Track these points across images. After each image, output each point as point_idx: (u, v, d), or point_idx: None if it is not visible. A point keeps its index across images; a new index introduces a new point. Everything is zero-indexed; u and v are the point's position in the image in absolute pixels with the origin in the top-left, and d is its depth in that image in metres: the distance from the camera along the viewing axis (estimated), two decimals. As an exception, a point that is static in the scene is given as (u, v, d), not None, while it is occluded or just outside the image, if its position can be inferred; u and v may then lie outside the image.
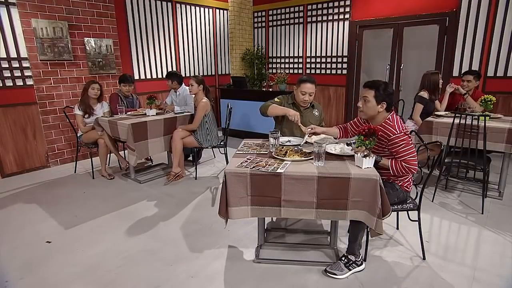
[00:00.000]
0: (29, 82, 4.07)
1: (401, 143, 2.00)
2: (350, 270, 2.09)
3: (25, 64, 4.01)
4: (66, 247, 2.46)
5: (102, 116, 3.77)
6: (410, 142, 2.02)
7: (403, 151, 2.00)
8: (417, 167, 2.02)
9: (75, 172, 4.13)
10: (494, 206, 3.04)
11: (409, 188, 2.20)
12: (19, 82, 4.00)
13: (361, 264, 2.13)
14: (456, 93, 3.69)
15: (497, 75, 4.51)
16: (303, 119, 2.66)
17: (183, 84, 4.33)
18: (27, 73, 4.04)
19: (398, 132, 2.00)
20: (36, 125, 4.20)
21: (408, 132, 2.07)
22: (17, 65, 3.96)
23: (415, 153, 2.02)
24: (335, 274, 2.07)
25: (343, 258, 2.13)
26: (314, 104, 2.77)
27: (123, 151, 4.26)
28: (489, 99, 3.28)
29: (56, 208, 3.11)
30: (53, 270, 2.20)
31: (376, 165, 2.00)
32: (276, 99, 2.75)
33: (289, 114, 2.56)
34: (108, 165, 4.12)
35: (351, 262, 2.11)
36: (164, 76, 4.96)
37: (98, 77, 4.65)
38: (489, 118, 3.12)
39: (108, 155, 4.03)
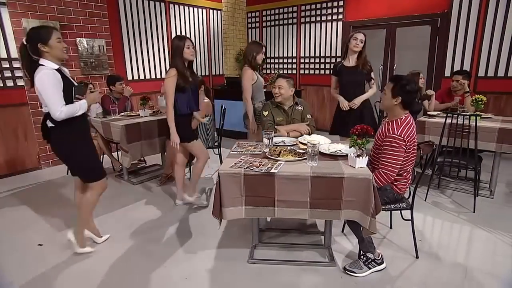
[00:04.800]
0: (20, 83, 4.02)
1: (390, 146, 1.99)
2: (370, 268, 2.08)
3: (16, 64, 3.95)
4: (59, 250, 2.42)
5: (95, 117, 3.74)
6: (401, 150, 1.99)
7: (386, 156, 2.01)
8: (392, 178, 2.02)
9: (67, 173, 4.07)
10: (485, 205, 3.07)
11: (401, 191, 2.18)
12: (10, 83, 3.94)
13: (381, 263, 2.12)
14: (453, 93, 3.73)
15: (488, 75, 4.57)
16: (290, 116, 2.74)
17: None
18: (18, 73, 3.98)
19: (396, 134, 1.99)
20: (27, 126, 4.14)
21: (409, 141, 2.00)
22: (7, 66, 3.90)
23: (399, 164, 2.00)
24: (354, 272, 2.07)
25: (361, 257, 2.12)
26: (298, 101, 2.81)
27: (116, 152, 4.23)
28: (480, 99, 3.31)
29: (49, 210, 3.06)
30: (45, 274, 2.17)
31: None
32: (264, 114, 2.76)
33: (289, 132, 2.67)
34: (101, 167, 4.08)
35: (370, 260, 2.09)
36: (158, 76, 4.94)
37: (91, 78, 4.60)
38: (480, 118, 3.16)
39: (101, 156, 3.99)
